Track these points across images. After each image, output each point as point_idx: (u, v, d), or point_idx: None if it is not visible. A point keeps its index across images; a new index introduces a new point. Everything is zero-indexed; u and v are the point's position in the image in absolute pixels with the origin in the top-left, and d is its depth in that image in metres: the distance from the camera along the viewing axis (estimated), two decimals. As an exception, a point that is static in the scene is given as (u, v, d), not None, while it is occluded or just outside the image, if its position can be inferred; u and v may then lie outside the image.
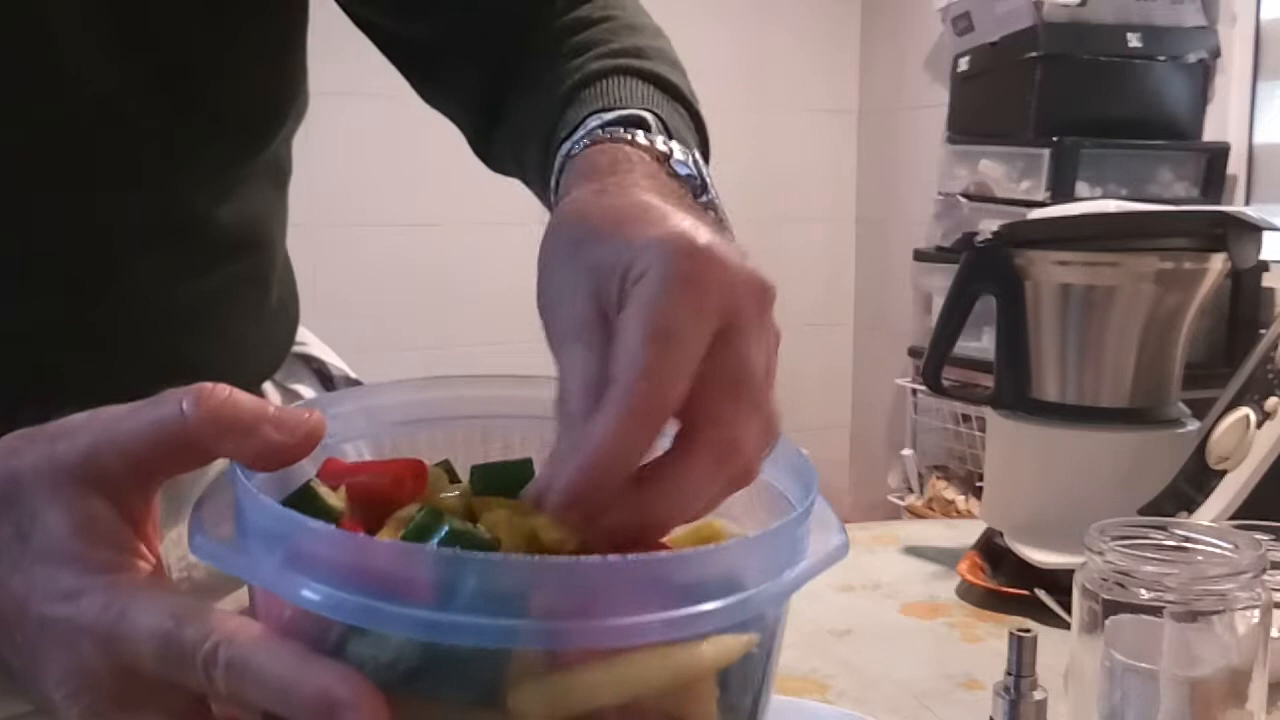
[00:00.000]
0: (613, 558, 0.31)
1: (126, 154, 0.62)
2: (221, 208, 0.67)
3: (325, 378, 0.84)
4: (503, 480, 0.40)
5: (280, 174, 0.74)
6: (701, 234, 0.40)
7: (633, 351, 0.36)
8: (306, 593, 0.31)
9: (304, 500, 0.37)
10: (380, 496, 0.38)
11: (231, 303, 0.71)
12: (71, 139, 0.59)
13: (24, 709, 0.60)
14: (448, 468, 0.43)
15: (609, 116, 0.54)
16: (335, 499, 0.38)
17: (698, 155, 0.54)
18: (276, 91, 0.69)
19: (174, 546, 0.62)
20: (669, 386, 0.36)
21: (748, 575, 0.34)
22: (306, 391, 0.81)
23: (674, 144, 0.53)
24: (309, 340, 0.83)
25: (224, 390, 0.36)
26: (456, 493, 0.41)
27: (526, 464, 0.41)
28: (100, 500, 0.35)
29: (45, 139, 0.59)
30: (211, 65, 0.63)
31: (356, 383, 0.85)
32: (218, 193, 0.67)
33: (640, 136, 0.52)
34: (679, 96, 0.62)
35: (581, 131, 0.54)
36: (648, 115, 0.54)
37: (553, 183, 0.55)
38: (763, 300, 0.40)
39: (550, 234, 0.44)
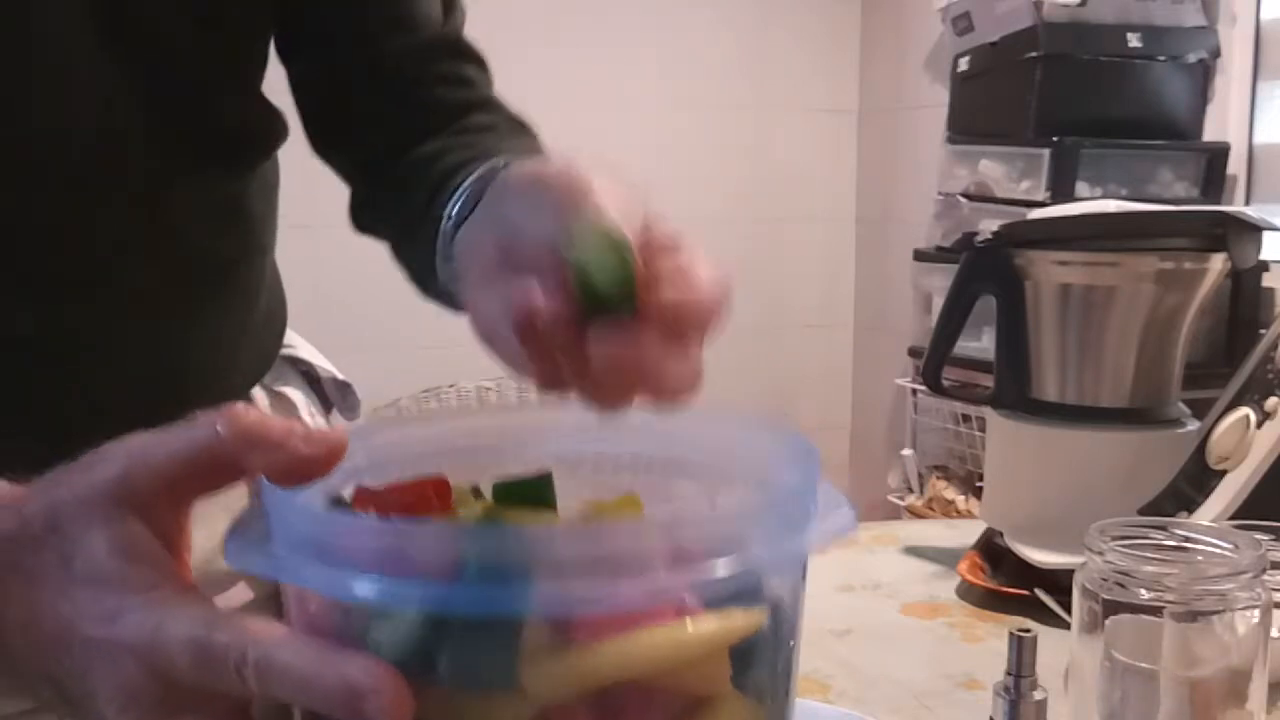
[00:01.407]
0: (616, 523, 0.32)
1: (131, 169, 0.63)
2: (218, 221, 0.69)
3: (312, 379, 0.87)
4: (524, 494, 0.42)
5: (269, 186, 0.76)
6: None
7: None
8: (316, 576, 0.33)
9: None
10: (408, 513, 0.39)
11: (224, 310, 0.73)
12: (76, 154, 0.61)
13: (21, 707, 0.61)
14: (471, 486, 0.44)
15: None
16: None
17: None
18: (272, 110, 0.71)
19: None
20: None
21: (752, 543, 0.33)
22: (294, 394, 0.83)
23: None
24: (296, 343, 0.85)
25: (255, 411, 0.38)
26: (479, 509, 0.42)
27: (546, 478, 0.42)
28: (136, 521, 0.37)
29: (51, 153, 0.60)
30: (215, 83, 0.66)
31: (345, 384, 0.87)
32: (216, 207, 0.69)
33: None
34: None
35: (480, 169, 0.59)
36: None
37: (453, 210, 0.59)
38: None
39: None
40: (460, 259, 0.55)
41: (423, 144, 0.68)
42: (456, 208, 0.58)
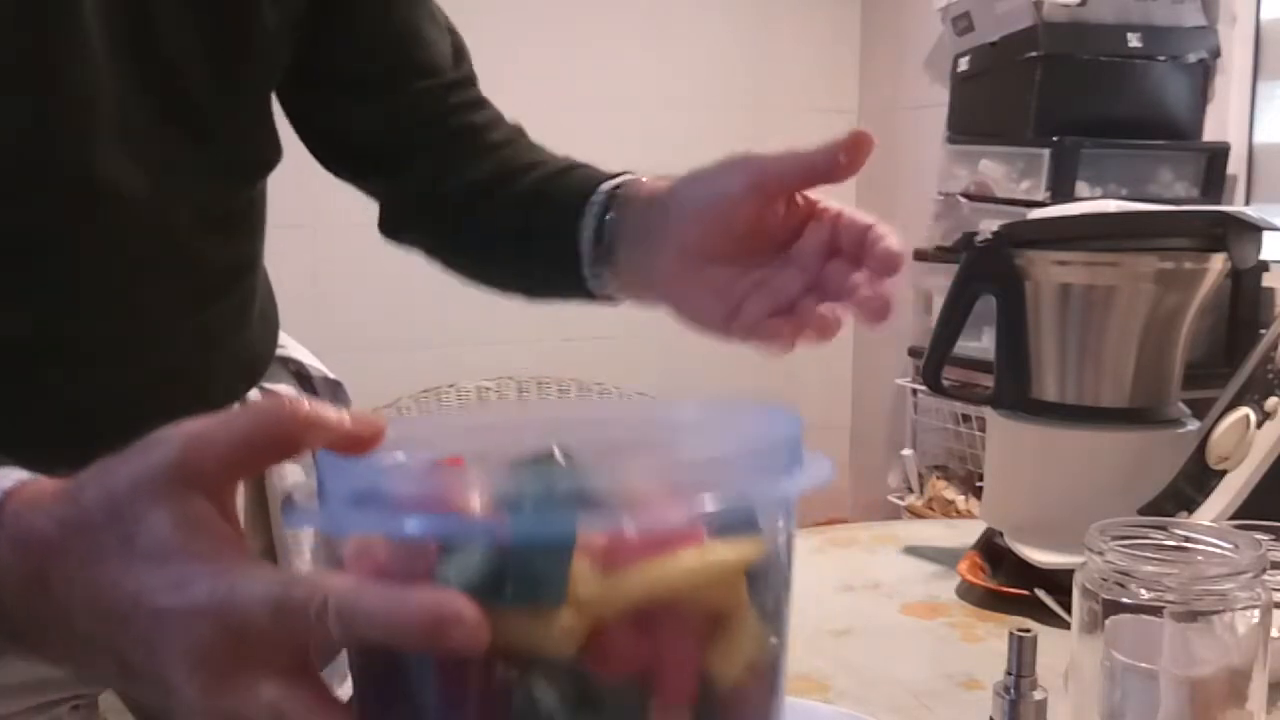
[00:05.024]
0: (638, 461, 0.39)
1: (149, 193, 0.66)
2: (218, 233, 0.73)
3: (303, 378, 0.89)
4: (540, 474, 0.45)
5: (261, 197, 0.79)
6: None
7: None
8: (404, 524, 0.37)
9: None
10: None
11: (223, 316, 0.76)
12: (98, 181, 0.63)
13: (23, 706, 0.62)
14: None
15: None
16: None
17: None
18: (274, 134, 0.74)
19: None
20: None
21: (747, 482, 0.40)
22: (286, 391, 0.85)
23: None
24: (287, 343, 0.88)
25: (305, 398, 0.40)
26: None
27: (550, 457, 0.45)
28: (199, 497, 0.39)
29: (76, 179, 0.63)
30: (232, 115, 0.69)
31: (335, 382, 0.90)
32: (217, 220, 0.72)
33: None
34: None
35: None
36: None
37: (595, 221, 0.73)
38: None
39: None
40: (629, 267, 0.72)
41: (468, 163, 0.78)
42: (598, 220, 0.72)
